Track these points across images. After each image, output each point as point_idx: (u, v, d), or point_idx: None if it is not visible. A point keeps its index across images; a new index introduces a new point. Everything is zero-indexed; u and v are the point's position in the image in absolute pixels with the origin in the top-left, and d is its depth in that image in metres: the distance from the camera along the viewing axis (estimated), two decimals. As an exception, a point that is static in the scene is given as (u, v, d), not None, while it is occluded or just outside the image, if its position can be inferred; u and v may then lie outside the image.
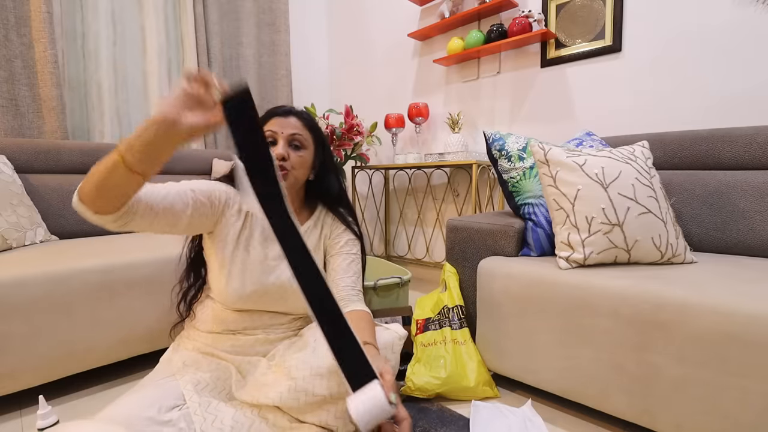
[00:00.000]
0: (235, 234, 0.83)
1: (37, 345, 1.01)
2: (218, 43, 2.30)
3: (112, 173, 0.55)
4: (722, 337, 0.74)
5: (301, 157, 0.85)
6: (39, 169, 1.60)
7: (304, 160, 0.86)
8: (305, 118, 0.88)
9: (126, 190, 0.58)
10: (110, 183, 0.55)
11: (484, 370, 1.12)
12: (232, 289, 0.80)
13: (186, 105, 0.54)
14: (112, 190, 0.57)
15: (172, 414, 0.66)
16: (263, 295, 0.82)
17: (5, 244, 1.26)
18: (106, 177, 0.55)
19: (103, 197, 0.57)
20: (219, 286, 0.81)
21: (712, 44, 1.42)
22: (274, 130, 0.83)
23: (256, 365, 0.80)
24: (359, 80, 2.73)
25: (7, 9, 1.64)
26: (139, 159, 0.55)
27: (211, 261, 0.84)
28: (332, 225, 0.94)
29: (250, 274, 0.81)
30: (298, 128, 0.85)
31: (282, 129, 0.84)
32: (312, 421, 0.70)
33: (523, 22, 1.77)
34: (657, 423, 0.84)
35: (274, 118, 0.85)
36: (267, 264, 0.83)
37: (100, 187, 0.56)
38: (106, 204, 0.58)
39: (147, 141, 0.54)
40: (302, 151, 0.86)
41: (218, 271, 0.81)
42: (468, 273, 1.25)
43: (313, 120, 0.90)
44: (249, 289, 0.81)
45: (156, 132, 0.53)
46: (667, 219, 1.02)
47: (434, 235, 2.37)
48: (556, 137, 1.80)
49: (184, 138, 0.55)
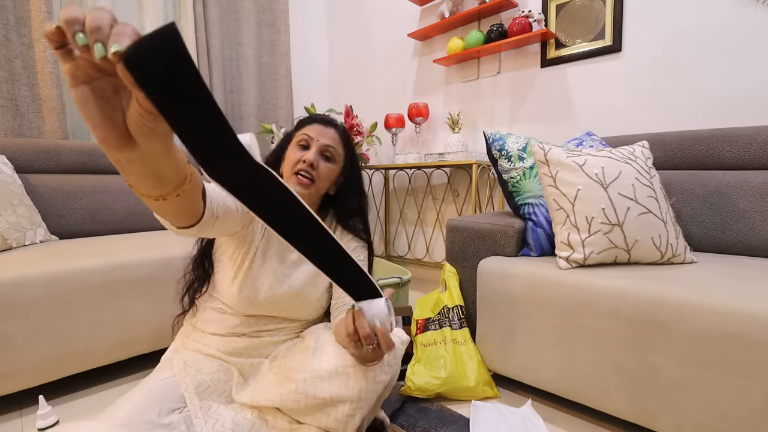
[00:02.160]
0: (258, 241, 0.82)
1: (37, 345, 1.01)
2: (218, 43, 2.30)
3: (145, 202, 0.46)
4: (722, 337, 0.74)
5: (330, 169, 0.84)
6: (39, 169, 1.60)
7: (331, 173, 0.85)
8: (343, 132, 0.87)
9: (171, 211, 0.48)
10: (153, 209, 0.48)
11: (484, 370, 1.12)
12: (245, 295, 0.79)
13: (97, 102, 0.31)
14: (162, 213, 0.50)
15: (172, 417, 0.66)
16: (275, 302, 0.82)
17: (5, 244, 1.26)
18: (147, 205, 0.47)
19: (171, 220, 0.51)
20: (231, 291, 0.80)
21: (712, 44, 1.42)
22: (310, 135, 0.82)
23: (258, 367, 0.80)
24: (359, 80, 2.73)
25: (7, 9, 1.63)
26: (144, 186, 0.41)
27: (223, 263, 0.83)
28: (342, 232, 0.93)
29: (264, 282, 0.81)
30: (335, 140, 0.84)
31: (318, 137, 0.83)
32: (312, 424, 0.70)
33: (523, 22, 1.77)
34: (657, 423, 0.84)
35: (314, 125, 0.84)
36: (281, 272, 0.83)
37: (155, 212, 0.49)
38: (181, 221, 0.52)
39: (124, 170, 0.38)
40: (332, 164, 0.84)
41: (232, 275, 0.81)
42: (468, 273, 1.25)
43: (349, 136, 0.89)
44: (262, 296, 0.80)
45: (116, 161, 0.36)
46: (667, 219, 1.02)
47: (434, 235, 2.37)
48: (556, 137, 1.80)
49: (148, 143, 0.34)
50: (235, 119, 2.44)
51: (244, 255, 0.81)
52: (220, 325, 0.83)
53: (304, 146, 0.83)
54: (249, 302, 0.80)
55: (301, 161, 0.81)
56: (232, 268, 0.81)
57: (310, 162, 0.80)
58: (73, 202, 1.59)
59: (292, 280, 0.83)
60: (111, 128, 0.32)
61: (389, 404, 1.05)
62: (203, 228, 0.57)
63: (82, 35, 0.26)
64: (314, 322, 0.92)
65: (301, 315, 0.86)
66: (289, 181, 0.82)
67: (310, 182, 0.81)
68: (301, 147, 0.83)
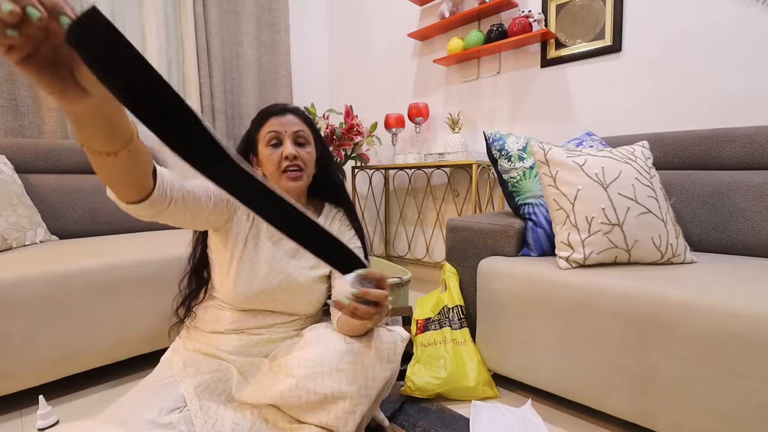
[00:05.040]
0: (244, 233, 0.82)
1: (37, 345, 1.01)
2: (218, 43, 2.30)
3: (94, 164, 0.49)
4: (722, 337, 0.74)
5: (309, 153, 0.86)
6: (39, 169, 1.60)
7: (312, 156, 0.86)
8: (301, 113, 0.88)
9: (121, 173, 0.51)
10: (103, 173, 0.51)
11: (484, 370, 1.12)
12: (240, 288, 0.80)
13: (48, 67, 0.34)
14: (112, 177, 0.52)
15: (172, 416, 0.66)
16: (270, 294, 0.82)
17: (5, 244, 1.26)
18: (97, 169, 0.50)
19: (114, 185, 0.53)
20: (226, 285, 0.81)
21: (712, 44, 1.42)
22: (276, 130, 0.83)
23: (258, 366, 0.80)
24: (359, 80, 2.73)
25: (7, 9, 1.63)
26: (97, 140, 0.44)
27: (217, 260, 0.84)
28: (341, 221, 0.95)
29: (259, 273, 0.81)
30: (299, 125, 0.85)
31: (284, 128, 0.83)
32: (312, 422, 0.69)
33: (523, 22, 1.77)
34: (657, 423, 0.84)
35: (272, 118, 0.84)
36: (275, 264, 0.83)
37: (104, 178, 0.52)
38: (128, 192, 0.54)
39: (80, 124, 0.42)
40: (308, 147, 0.86)
41: (226, 270, 0.81)
42: (468, 273, 1.25)
43: (307, 115, 0.89)
44: (257, 288, 0.81)
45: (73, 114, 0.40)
46: (667, 219, 1.02)
47: (434, 235, 2.37)
48: (556, 137, 1.80)
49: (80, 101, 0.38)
50: (235, 119, 2.44)
51: (233, 249, 0.81)
52: (219, 323, 0.83)
53: (276, 143, 0.83)
54: (245, 295, 0.80)
55: (283, 158, 0.82)
56: (226, 264, 0.81)
57: (292, 155, 0.81)
58: (73, 202, 1.59)
59: (288, 271, 0.84)
60: (66, 84, 0.36)
61: (389, 404, 1.04)
62: (156, 207, 0.58)
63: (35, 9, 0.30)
64: (313, 319, 0.92)
65: (298, 308, 0.86)
66: (279, 180, 0.83)
67: (301, 172, 0.83)
68: (272, 146, 0.83)
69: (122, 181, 0.53)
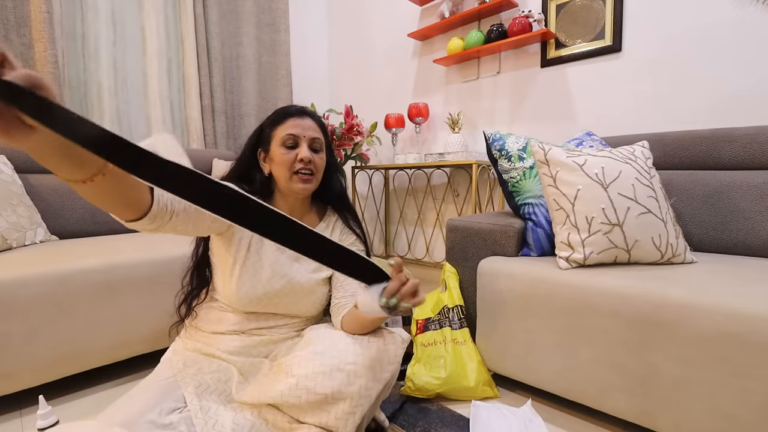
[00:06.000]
0: (248, 237, 0.82)
1: (37, 345, 1.01)
2: (218, 43, 2.30)
3: (75, 190, 0.48)
4: (722, 337, 0.74)
5: (321, 158, 0.86)
6: (39, 169, 1.59)
7: (323, 162, 0.87)
8: (317, 119, 0.88)
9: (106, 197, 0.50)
10: (88, 198, 0.50)
11: (484, 370, 1.12)
12: (243, 292, 0.80)
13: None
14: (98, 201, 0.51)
15: (172, 417, 0.66)
16: (274, 297, 0.82)
17: (5, 244, 1.26)
18: (81, 195, 0.49)
19: (105, 208, 0.53)
20: (229, 289, 0.81)
21: (711, 44, 1.42)
22: (294, 133, 0.82)
23: (258, 367, 0.80)
24: (359, 80, 2.73)
25: (7, 9, 1.64)
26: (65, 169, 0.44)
27: (220, 264, 0.84)
28: (342, 228, 0.95)
29: (262, 277, 0.81)
30: (316, 131, 0.85)
31: (303, 132, 0.83)
32: (312, 422, 0.69)
33: (523, 22, 1.77)
34: (657, 423, 0.84)
35: (290, 119, 0.84)
36: (278, 267, 0.83)
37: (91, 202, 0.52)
38: (123, 212, 0.54)
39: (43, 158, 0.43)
40: (321, 153, 0.86)
41: (229, 274, 0.81)
42: (468, 273, 1.25)
43: (322, 120, 0.90)
44: (260, 292, 0.81)
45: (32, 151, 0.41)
46: (667, 219, 1.02)
47: (434, 235, 2.37)
48: (556, 137, 1.80)
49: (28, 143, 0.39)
50: (235, 119, 2.45)
51: (236, 254, 0.81)
52: (220, 324, 0.83)
53: (292, 145, 0.83)
54: (249, 298, 0.80)
55: (298, 161, 0.82)
56: (229, 268, 0.81)
57: (308, 159, 0.82)
58: (73, 202, 1.59)
59: (291, 274, 0.84)
60: (8, 123, 0.37)
61: (389, 404, 1.04)
62: (156, 222, 0.58)
63: None
64: (314, 320, 0.92)
65: (300, 311, 0.86)
66: (290, 180, 0.83)
67: (312, 176, 0.84)
68: (288, 147, 0.83)
69: (111, 203, 0.52)
